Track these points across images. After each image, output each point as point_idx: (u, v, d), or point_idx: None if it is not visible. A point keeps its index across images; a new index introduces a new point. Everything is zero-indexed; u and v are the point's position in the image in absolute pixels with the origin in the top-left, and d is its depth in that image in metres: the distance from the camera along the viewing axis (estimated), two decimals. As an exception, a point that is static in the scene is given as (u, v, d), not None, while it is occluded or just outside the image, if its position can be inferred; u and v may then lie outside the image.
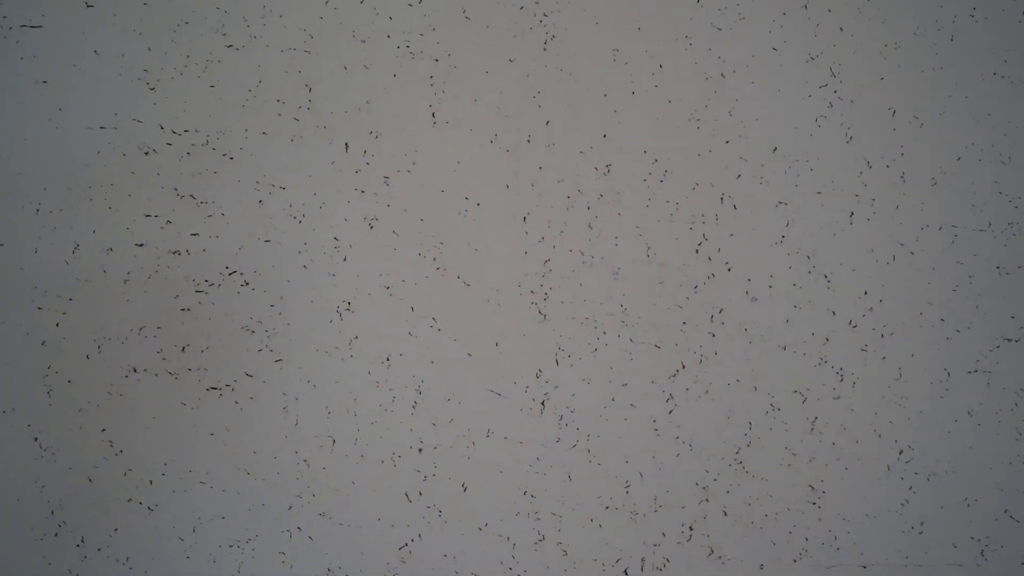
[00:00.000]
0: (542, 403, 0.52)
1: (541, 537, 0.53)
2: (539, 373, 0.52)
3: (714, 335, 0.53)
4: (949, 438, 0.54)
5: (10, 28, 0.50)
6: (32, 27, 0.51)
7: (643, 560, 0.53)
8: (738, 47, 0.53)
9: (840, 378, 0.53)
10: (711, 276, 0.53)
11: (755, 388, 0.53)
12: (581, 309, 0.52)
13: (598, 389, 0.53)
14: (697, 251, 0.53)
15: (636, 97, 0.52)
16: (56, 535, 0.51)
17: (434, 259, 0.52)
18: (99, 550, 0.51)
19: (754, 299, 0.53)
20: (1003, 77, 0.54)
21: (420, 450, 0.52)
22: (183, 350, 0.51)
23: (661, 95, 0.53)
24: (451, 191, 0.52)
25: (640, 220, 0.52)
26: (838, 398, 0.53)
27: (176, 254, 0.51)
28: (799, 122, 0.53)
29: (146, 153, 0.51)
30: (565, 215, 0.52)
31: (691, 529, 0.53)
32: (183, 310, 0.51)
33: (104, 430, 0.51)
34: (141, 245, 0.51)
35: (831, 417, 0.54)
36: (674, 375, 0.53)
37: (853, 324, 0.53)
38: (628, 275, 0.52)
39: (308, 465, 0.52)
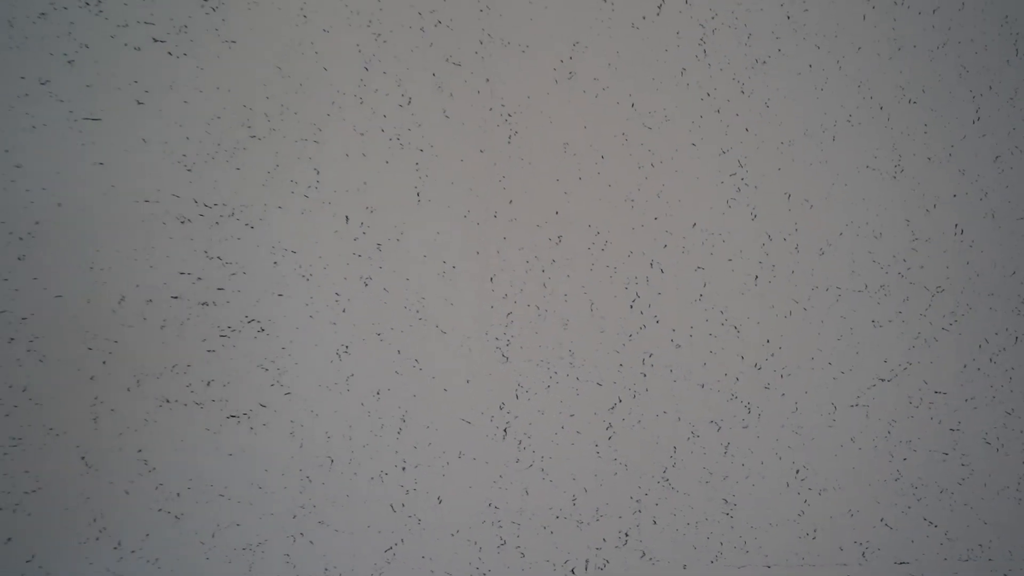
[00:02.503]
0: (504, 430, 0.64)
1: (503, 542, 0.63)
2: (502, 405, 0.64)
3: (645, 375, 0.65)
4: (836, 460, 0.66)
5: (75, 120, 0.62)
6: (92, 119, 0.62)
7: (587, 561, 0.64)
8: (664, 143, 0.66)
9: (748, 410, 0.65)
10: (643, 327, 0.65)
11: (679, 419, 0.65)
12: (537, 353, 0.64)
13: (550, 419, 0.64)
14: (631, 306, 0.65)
15: (582, 182, 0.65)
16: (97, 539, 0.61)
17: (417, 311, 0.63)
18: (133, 552, 0.61)
19: (678, 346, 0.65)
20: (873, 170, 0.67)
21: (403, 468, 0.63)
22: (208, 384, 0.62)
23: (602, 180, 0.65)
24: (432, 256, 0.64)
25: (585, 281, 0.64)
26: (746, 427, 0.65)
27: (204, 305, 0.62)
28: (713, 203, 0.66)
29: (182, 222, 0.62)
30: (524, 276, 0.64)
31: (627, 535, 0.64)
32: (209, 351, 0.62)
33: (140, 451, 0.61)
34: (176, 297, 0.62)
35: (741, 443, 0.65)
36: (612, 407, 0.64)
37: (758, 367, 0.66)
38: (575, 326, 0.64)
39: (310, 480, 0.62)
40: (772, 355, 0.66)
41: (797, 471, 0.65)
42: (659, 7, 0.66)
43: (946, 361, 0.67)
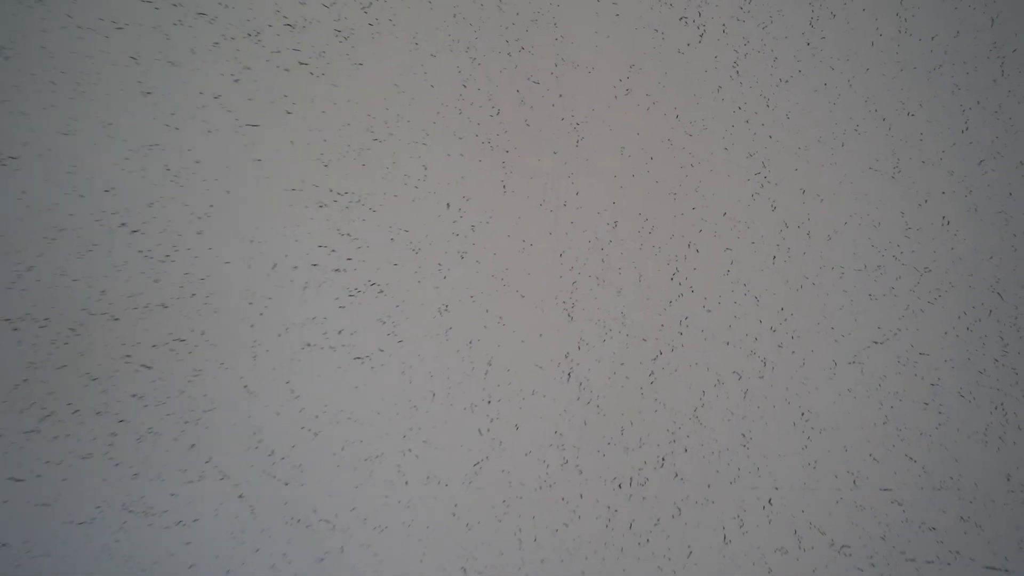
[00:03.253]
0: (568, 374, 0.81)
1: (565, 461, 0.81)
2: (567, 355, 0.81)
3: (681, 334, 0.81)
4: (834, 406, 0.81)
5: (240, 126, 0.80)
6: (252, 126, 0.80)
7: (631, 479, 0.81)
8: (702, 147, 0.81)
9: (763, 364, 0.81)
10: (680, 295, 0.81)
11: (707, 369, 0.81)
12: (595, 314, 0.80)
13: (605, 366, 0.81)
14: (671, 279, 0.81)
15: (634, 178, 0.81)
16: (256, 448, 0.80)
17: (502, 279, 0.80)
18: (283, 459, 0.80)
19: (708, 311, 0.81)
20: (875, 171, 0.82)
21: (488, 402, 0.81)
22: (339, 333, 0.80)
23: (651, 177, 0.81)
24: (514, 236, 0.80)
25: (635, 258, 0.81)
26: (762, 377, 0.81)
27: (337, 271, 0.80)
28: (741, 196, 0.81)
29: (320, 206, 0.80)
30: (587, 254, 0.80)
31: (663, 460, 0.81)
32: (340, 307, 0.80)
33: (287, 382, 0.80)
34: (315, 265, 0.80)
35: (757, 390, 0.81)
36: (654, 358, 0.81)
37: (773, 329, 0.81)
38: (626, 293, 0.81)
39: (416, 409, 0.80)
40: (785, 320, 0.81)
41: (802, 413, 0.81)
42: (700, 36, 0.81)
43: (930, 329, 0.82)
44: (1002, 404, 0.81)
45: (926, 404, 0.82)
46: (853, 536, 0.81)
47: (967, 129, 0.82)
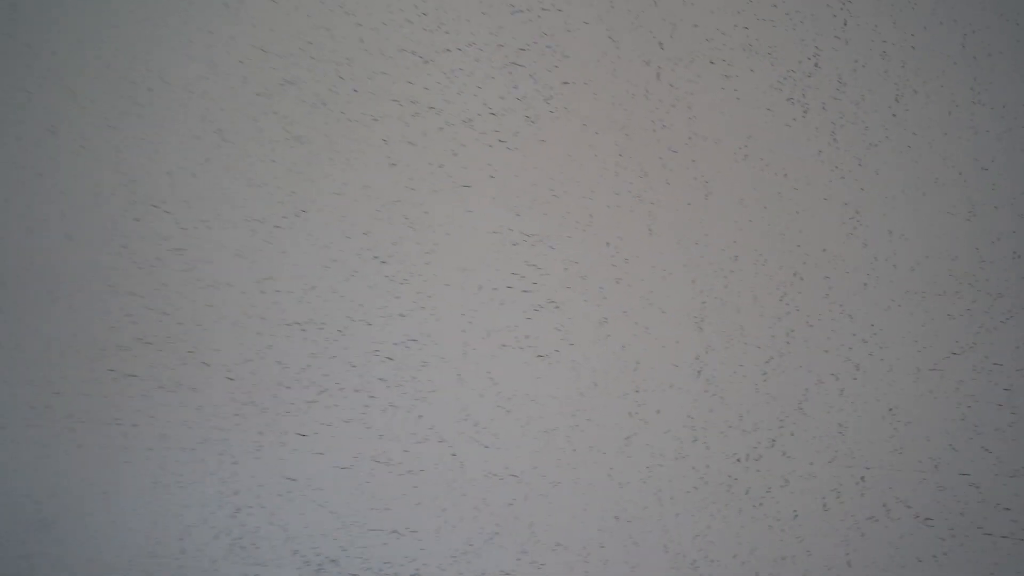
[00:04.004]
0: (698, 372, 1.05)
1: (696, 439, 1.05)
2: (697, 357, 1.05)
3: (788, 343, 1.03)
4: (917, 404, 1.01)
5: (455, 186, 1.11)
6: (465, 187, 1.11)
7: (747, 455, 1.04)
8: (807, 199, 1.04)
9: (856, 368, 1.02)
10: (787, 313, 1.04)
11: (809, 371, 1.03)
12: (719, 327, 1.05)
13: (727, 367, 1.05)
14: (780, 300, 1.04)
15: (752, 223, 1.05)
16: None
17: (648, 299, 1.06)
18: (480, 429, 1.10)
19: (810, 326, 1.03)
20: (952, 215, 1.01)
21: (636, 391, 1.06)
22: (526, 337, 1.09)
23: (765, 223, 1.05)
24: (657, 267, 1.07)
25: (752, 283, 1.04)
26: (855, 379, 1.02)
27: (526, 292, 1.09)
28: (837, 236, 1.03)
29: (514, 244, 1.10)
30: (713, 280, 1.05)
31: (774, 441, 1.04)
32: (528, 319, 1.09)
33: (488, 372, 1.10)
34: (510, 287, 1.10)
35: (851, 389, 1.02)
36: (767, 361, 1.04)
37: (864, 340, 1.02)
38: (744, 311, 1.04)
39: (583, 396, 1.08)
40: (875, 334, 1.02)
41: (890, 409, 1.01)
42: (804, 112, 1.04)
43: (1003, 344, 1.00)
44: (1067, 407, 0.98)
45: (1000, 405, 1.00)
46: (935, 510, 1.00)
47: (1036, 180, 1.00)
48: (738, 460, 1.04)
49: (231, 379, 1.16)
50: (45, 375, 1.23)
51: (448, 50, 1.11)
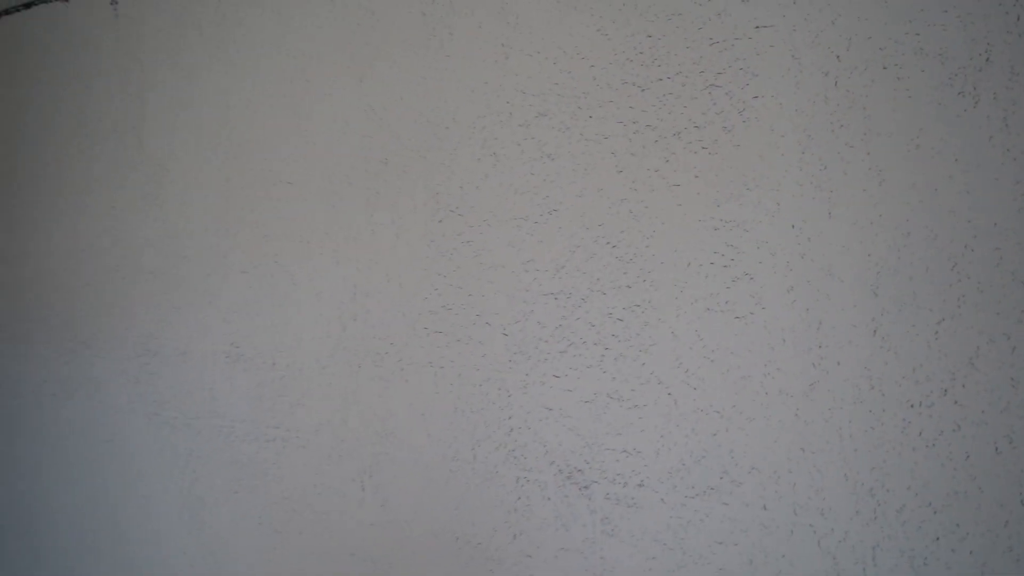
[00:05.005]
0: (874, 331, 1.25)
1: (872, 387, 1.25)
2: (873, 318, 1.25)
3: (959, 308, 1.19)
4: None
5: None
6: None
7: (920, 402, 1.21)
8: (978, 180, 1.18)
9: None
10: (958, 280, 1.19)
11: (980, 332, 1.17)
12: (904, 291, 1.23)
13: (902, 326, 1.23)
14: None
15: (920, 203, 1.22)
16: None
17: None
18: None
19: (981, 291, 1.18)
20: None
21: (820, 347, 1.29)
22: (725, 303, 1.37)
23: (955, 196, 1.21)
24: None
25: (923, 259, 1.21)
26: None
27: (725, 267, 1.37)
28: (1007, 209, 1.16)
29: (715, 229, 1.38)
30: (889, 255, 1.24)
31: (945, 391, 1.20)
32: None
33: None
34: (712, 264, 1.38)
35: (1023, 347, 1.15)
36: (939, 322, 1.20)
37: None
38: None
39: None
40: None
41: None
42: (975, 104, 1.18)
43: None
44: None
45: None
46: (1109, 458, 1.10)
47: None
48: (911, 406, 1.23)
49: (506, 335, 1.60)
50: (384, 332, 1.77)
51: (660, 79, 1.43)
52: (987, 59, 1.18)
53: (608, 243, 1.49)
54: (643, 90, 1.45)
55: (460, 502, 1.67)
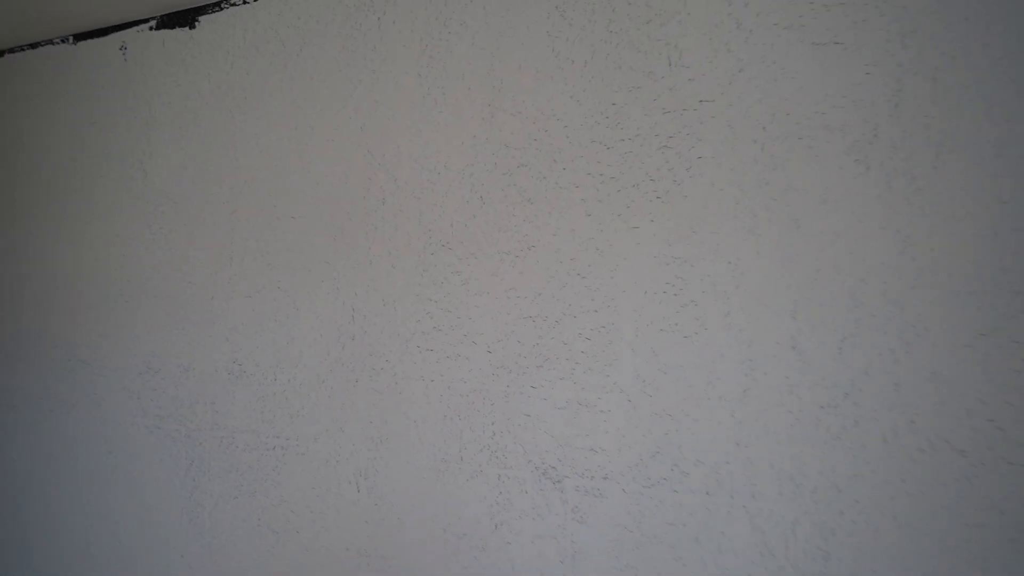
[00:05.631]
0: (792, 346, 1.56)
1: (791, 392, 1.56)
2: (791, 336, 1.56)
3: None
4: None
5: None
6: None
7: (830, 403, 1.53)
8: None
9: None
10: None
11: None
12: (823, 314, 1.55)
13: (825, 346, 1.54)
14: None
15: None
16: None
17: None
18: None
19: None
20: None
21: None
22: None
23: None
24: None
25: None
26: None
27: (676, 295, 1.67)
28: None
29: (667, 264, 1.67)
30: (806, 292, 1.55)
31: (847, 394, 1.51)
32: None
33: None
34: (665, 292, 1.68)
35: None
36: (843, 340, 1.52)
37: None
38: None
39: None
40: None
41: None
42: (866, 170, 1.52)
43: None
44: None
45: None
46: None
47: (1046, 210, 1.39)
48: (822, 407, 1.53)
49: (490, 352, 1.86)
50: (380, 350, 2.01)
51: (622, 140, 1.73)
52: (875, 135, 1.51)
53: (578, 274, 1.77)
54: (608, 148, 1.75)
55: (448, 498, 1.92)
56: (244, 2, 2.28)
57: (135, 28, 2.51)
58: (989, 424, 1.40)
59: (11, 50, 2.83)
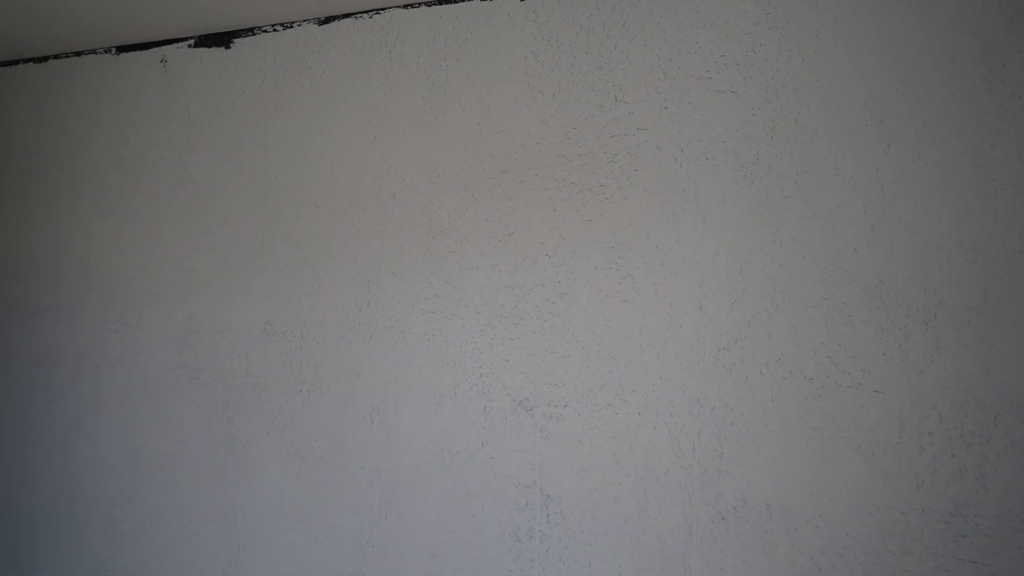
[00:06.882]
0: (700, 307, 2.18)
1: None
2: (700, 307, 2.18)
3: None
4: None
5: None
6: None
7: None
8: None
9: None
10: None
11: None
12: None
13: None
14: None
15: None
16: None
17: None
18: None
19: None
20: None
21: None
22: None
23: None
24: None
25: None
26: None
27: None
28: None
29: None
30: (714, 280, 2.17)
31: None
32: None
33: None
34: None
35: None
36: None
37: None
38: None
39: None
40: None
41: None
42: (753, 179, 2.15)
43: None
44: None
45: None
46: None
47: None
48: (719, 349, 2.17)
49: (478, 313, 2.45)
50: (391, 312, 2.58)
51: (580, 155, 2.33)
52: (757, 158, 2.14)
53: (546, 255, 2.37)
54: (569, 161, 2.34)
55: (444, 425, 2.50)
56: (274, 29, 2.79)
57: (175, 45, 2.99)
58: (827, 360, 2.06)
59: (56, 56, 3.27)
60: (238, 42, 2.86)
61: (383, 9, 2.59)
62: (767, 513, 2.09)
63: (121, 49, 3.11)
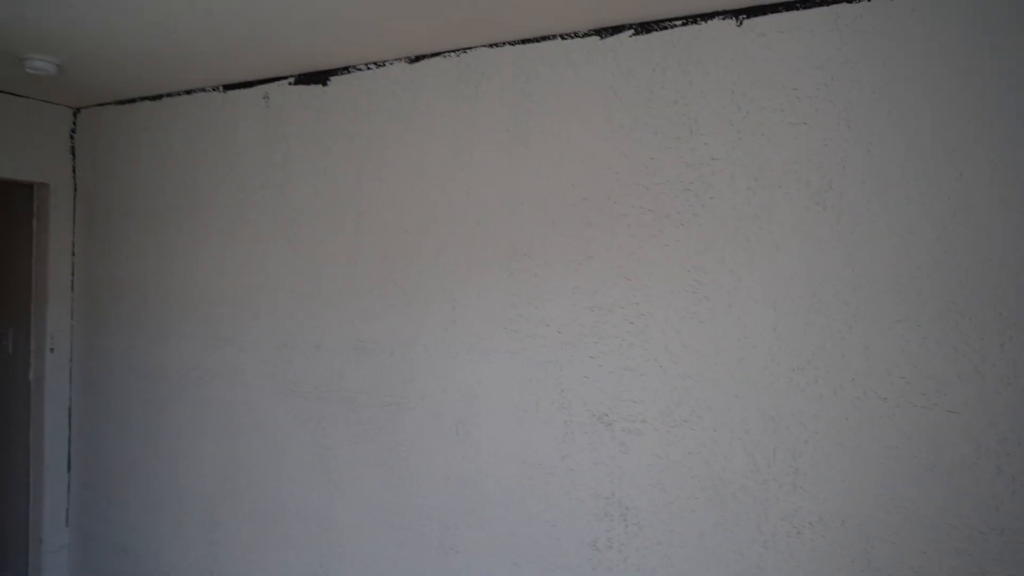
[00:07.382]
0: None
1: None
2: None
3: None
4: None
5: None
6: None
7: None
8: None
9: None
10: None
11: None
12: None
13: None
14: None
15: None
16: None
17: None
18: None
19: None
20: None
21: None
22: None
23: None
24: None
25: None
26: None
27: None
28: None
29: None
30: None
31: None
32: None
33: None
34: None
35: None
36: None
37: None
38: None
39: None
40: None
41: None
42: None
43: None
44: None
45: None
46: None
47: None
48: (794, 370, 2.26)
49: (559, 333, 2.60)
50: (475, 331, 2.75)
51: (657, 183, 2.46)
52: (829, 186, 2.24)
53: (625, 277, 2.51)
54: (647, 189, 2.48)
55: (526, 439, 2.65)
56: (368, 68, 3.03)
57: (276, 83, 3.26)
58: (902, 380, 2.13)
59: (168, 94, 3.59)
60: (334, 80, 3.10)
61: (469, 48, 2.79)
62: (842, 529, 2.16)
63: (227, 87, 3.40)
